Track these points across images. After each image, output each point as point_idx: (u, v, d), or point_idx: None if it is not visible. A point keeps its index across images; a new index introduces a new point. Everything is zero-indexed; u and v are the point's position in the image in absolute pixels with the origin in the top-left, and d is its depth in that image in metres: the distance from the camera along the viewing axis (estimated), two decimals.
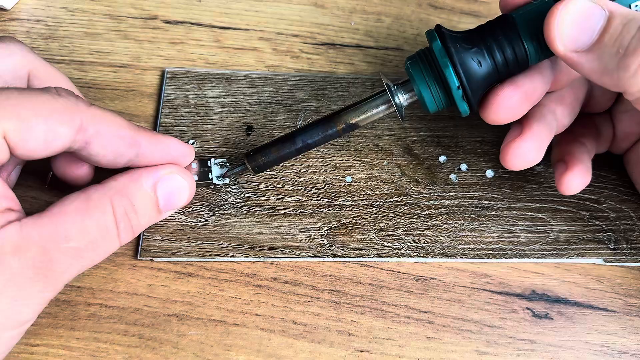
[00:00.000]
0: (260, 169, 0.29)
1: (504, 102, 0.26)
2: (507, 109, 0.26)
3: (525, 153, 0.28)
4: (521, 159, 0.28)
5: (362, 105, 0.27)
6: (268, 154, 0.28)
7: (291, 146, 0.28)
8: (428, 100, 0.26)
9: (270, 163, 0.28)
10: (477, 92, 0.26)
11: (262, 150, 0.28)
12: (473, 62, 0.25)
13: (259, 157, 0.28)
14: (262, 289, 0.28)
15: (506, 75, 0.26)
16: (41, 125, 0.22)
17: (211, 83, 0.34)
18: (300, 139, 0.28)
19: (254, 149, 0.28)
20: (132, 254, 0.29)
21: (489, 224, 0.31)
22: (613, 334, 0.28)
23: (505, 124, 0.27)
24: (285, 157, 0.28)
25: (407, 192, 0.31)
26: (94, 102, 0.33)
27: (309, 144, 0.28)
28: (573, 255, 0.30)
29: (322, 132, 0.28)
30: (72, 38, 0.35)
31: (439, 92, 0.26)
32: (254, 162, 0.28)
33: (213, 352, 0.27)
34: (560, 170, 0.29)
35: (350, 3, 0.38)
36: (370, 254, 0.29)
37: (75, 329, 0.27)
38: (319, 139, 0.28)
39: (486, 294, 0.29)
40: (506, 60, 0.25)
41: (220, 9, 0.38)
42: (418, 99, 0.27)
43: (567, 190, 0.29)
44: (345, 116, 0.27)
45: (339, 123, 0.27)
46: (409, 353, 0.27)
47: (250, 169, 0.29)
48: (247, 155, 0.28)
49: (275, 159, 0.28)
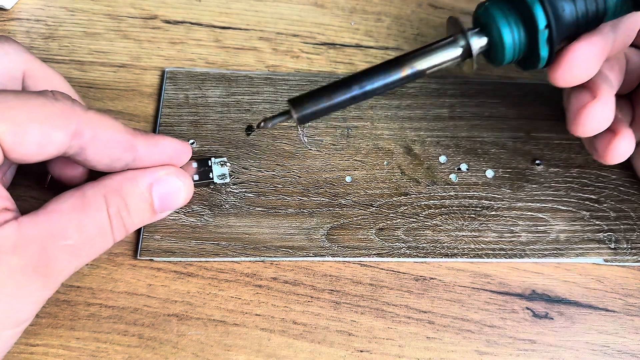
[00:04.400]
0: (305, 119, 0.24)
1: (580, 57, 0.25)
2: (582, 66, 0.25)
3: (601, 116, 0.26)
4: (597, 123, 0.27)
5: (432, 49, 0.24)
6: (318, 101, 0.24)
7: (346, 92, 0.24)
8: (507, 42, 0.24)
9: (319, 112, 0.24)
10: (559, 38, 0.24)
11: (311, 96, 0.24)
12: (559, 4, 0.23)
13: (306, 104, 0.24)
14: (262, 289, 0.28)
15: (578, 31, 0.25)
16: (36, 130, 0.22)
17: (211, 83, 0.34)
18: (358, 84, 0.24)
19: (299, 95, 0.24)
20: (131, 254, 0.29)
21: (489, 223, 0.31)
22: (613, 334, 0.28)
23: (572, 86, 0.26)
24: (336, 106, 0.24)
25: (407, 192, 0.31)
26: (94, 102, 0.33)
27: (367, 92, 0.24)
28: (573, 255, 0.30)
29: (383, 77, 0.24)
30: (72, 38, 0.35)
31: (520, 34, 0.24)
32: (300, 110, 0.24)
33: (213, 352, 0.27)
34: (608, 138, 0.28)
35: (350, 3, 0.38)
36: (370, 254, 0.29)
37: (75, 329, 0.27)
38: (379, 86, 0.24)
39: (486, 294, 0.29)
40: (587, 11, 0.24)
41: (220, 8, 0.38)
42: (493, 46, 0.25)
43: (616, 156, 0.28)
44: (413, 60, 0.24)
45: (404, 67, 0.24)
46: (409, 353, 0.27)
47: (295, 118, 0.24)
48: (292, 101, 0.24)
49: (326, 108, 0.24)
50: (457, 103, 0.35)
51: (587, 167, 0.33)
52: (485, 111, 0.35)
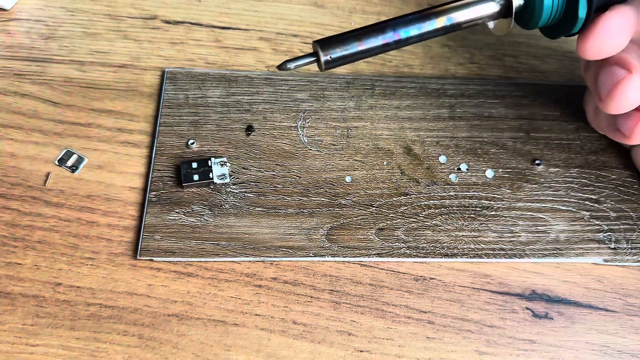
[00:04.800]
0: (332, 63, 0.23)
1: (613, 26, 0.25)
2: (614, 35, 0.25)
3: (638, 90, 0.26)
4: (633, 97, 0.26)
5: (470, 2, 0.24)
6: (348, 43, 0.22)
7: (378, 37, 0.22)
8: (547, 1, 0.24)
9: (348, 57, 0.22)
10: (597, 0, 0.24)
11: (340, 38, 0.22)
12: None
13: (335, 46, 0.22)
14: (262, 289, 0.28)
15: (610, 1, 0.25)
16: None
17: (211, 83, 0.34)
18: (392, 28, 0.23)
19: (327, 37, 0.22)
20: (131, 254, 0.29)
21: (489, 223, 0.31)
22: (613, 334, 0.28)
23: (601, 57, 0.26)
24: (367, 52, 0.23)
25: (407, 192, 0.31)
26: (94, 102, 0.33)
27: (400, 40, 0.23)
28: (573, 255, 0.30)
29: (419, 25, 0.23)
30: (72, 38, 0.35)
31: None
32: (329, 52, 0.22)
33: (213, 352, 0.27)
34: (636, 117, 0.28)
35: (350, 3, 0.38)
36: (370, 254, 0.29)
37: (75, 329, 0.27)
38: (413, 35, 0.23)
39: (486, 294, 0.29)
40: None
41: (220, 9, 0.38)
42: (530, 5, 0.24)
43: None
44: (450, 11, 0.23)
45: (441, 17, 0.23)
46: (409, 353, 0.27)
47: (322, 61, 0.22)
48: (320, 42, 0.22)
49: (356, 53, 0.22)
50: (457, 103, 0.35)
51: (587, 167, 0.33)
52: (485, 111, 0.35)
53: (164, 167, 0.31)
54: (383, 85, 0.35)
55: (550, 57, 0.38)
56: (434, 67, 0.36)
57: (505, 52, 0.38)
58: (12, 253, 0.28)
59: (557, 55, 0.38)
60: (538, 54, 0.38)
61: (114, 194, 0.30)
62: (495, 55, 0.37)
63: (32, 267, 0.28)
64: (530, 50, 0.38)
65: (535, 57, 0.37)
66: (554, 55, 0.38)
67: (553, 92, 0.36)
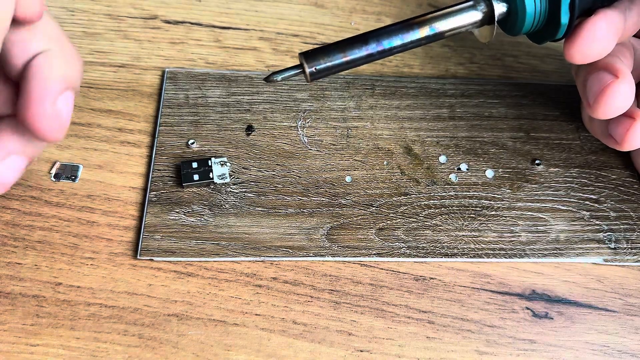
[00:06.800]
0: (317, 75, 0.24)
1: (599, 31, 0.25)
2: (600, 39, 0.25)
3: (625, 95, 0.26)
4: (620, 102, 0.26)
5: (453, 12, 0.24)
6: (332, 55, 0.23)
7: (362, 48, 0.23)
8: (529, 6, 0.24)
9: (333, 68, 0.23)
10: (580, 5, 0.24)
11: (325, 50, 0.23)
12: None
13: (320, 58, 0.23)
14: (262, 289, 0.28)
15: (595, 5, 0.25)
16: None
17: (211, 83, 0.34)
18: (375, 39, 0.23)
19: (312, 49, 0.24)
20: (131, 254, 0.29)
21: (489, 223, 0.31)
22: (613, 334, 0.28)
23: (588, 62, 0.26)
24: (351, 63, 0.23)
25: (407, 192, 0.31)
26: (94, 102, 0.33)
27: (384, 50, 0.23)
28: (573, 254, 0.30)
29: (402, 35, 0.23)
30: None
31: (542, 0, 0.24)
32: (313, 64, 0.23)
33: (213, 352, 0.27)
34: (626, 123, 0.28)
35: (350, 3, 0.38)
36: (370, 254, 0.29)
37: (75, 329, 0.27)
38: (397, 45, 0.24)
39: (486, 294, 0.29)
40: None
41: (220, 9, 0.38)
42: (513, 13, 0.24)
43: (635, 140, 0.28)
44: (433, 21, 0.24)
45: (424, 27, 0.24)
46: (409, 353, 0.27)
47: (307, 73, 0.23)
48: (305, 55, 0.23)
49: (340, 64, 0.23)
50: (457, 103, 0.35)
51: (587, 167, 0.33)
52: (485, 111, 0.35)
53: (164, 167, 0.31)
54: (383, 85, 0.35)
55: (550, 57, 0.38)
56: (434, 67, 0.36)
57: (505, 52, 0.38)
58: (12, 253, 0.28)
59: (557, 55, 0.38)
60: (538, 54, 0.38)
61: (114, 194, 0.30)
62: (495, 55, 0.37)
63: (32, 267, 0.28)
64: (530, 50, 0.38)
65: (535, 57, 0.37)
66: (554, 55, 0.38)
67: (553, 92, 0.36)
